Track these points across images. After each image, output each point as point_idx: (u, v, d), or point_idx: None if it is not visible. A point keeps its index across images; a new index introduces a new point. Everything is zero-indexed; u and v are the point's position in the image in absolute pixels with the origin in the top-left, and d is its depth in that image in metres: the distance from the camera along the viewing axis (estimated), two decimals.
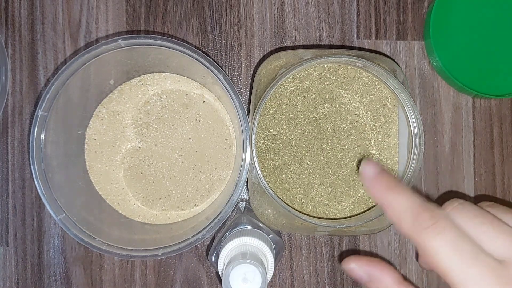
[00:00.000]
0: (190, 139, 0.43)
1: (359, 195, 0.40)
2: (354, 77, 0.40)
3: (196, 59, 0.36)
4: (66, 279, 0.45)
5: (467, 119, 0.46)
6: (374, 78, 0.39)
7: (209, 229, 0.36)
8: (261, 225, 0.39)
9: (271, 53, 0.45)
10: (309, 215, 0.39)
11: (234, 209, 0.36)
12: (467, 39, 0.44)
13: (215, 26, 0.46)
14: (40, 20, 0.45)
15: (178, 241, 0.36)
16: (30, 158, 0.35)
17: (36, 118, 0.35)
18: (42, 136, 0.35)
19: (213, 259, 0.38)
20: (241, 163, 0.35)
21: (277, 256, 0.39)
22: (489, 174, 0.46)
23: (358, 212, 0.40)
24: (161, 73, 0.43)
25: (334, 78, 0.39)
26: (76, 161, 0.42)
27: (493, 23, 0.44)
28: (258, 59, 0.45)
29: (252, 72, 0.46)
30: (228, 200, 0.35)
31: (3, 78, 0.43)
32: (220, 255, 0.36)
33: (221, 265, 0.36)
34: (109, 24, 0.45)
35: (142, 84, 0.43)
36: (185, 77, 0.43)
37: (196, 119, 0.43)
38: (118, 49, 0.36)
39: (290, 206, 0.37)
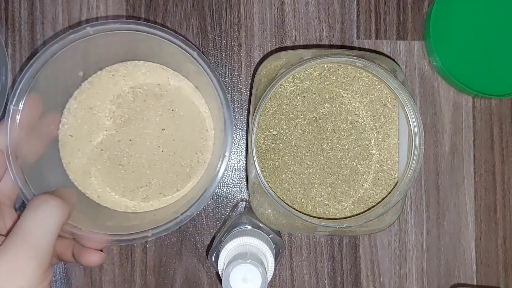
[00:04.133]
0: (164, 129, 0.42)
1: (359, 195, 0.40)
2: (354, 77, 0.40)
3: (167, 39, 0.35)
4: (66, 279, 0.45)
5: (467, 119, 0.46)
6: (374, 78, 0.39)
7: (196, 206, 0.35)
8: (261, 225, 0.39)
9: (271, 53, 0.45)
10: (309, 215, 0.39)
11: (218, 185, 0.36)
12: (467, 39, 0.44)
13: (215, 26, 0.46)
14: (40, 20, 0.45)
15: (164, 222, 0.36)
16: (6, 154, 0.34)
17: (8, 113, 0.34)
18: (16, 132, 0.34)
19: (213, 259, 0.38)
20: (222, 142, 0.35)
21: (277, 256, 0.39)
22: (489, 174, 0.46)
23: (358, 212, 0.40)
24: (133, 61, 0.42)
25: (334, 78, 0.39)
26: (52, 157, 0.41)
27: (493, 23, 0.44)
28: (258, 59, 0.45)
29: (252, 72, 0.46)
30: (216, 174, 0.35)
31: (3, 78, 0.43)
32: (220, 255, 0.36)
33: (221, 265, 0.36)
34: None
35: (113, 75, 0.42)
36: (159, 65, 0.42)
37: (169, 108, 0.42)
38: (87, 37, 0.35)
39: (290, 206, 0.37)
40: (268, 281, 0.35)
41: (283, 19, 0.46)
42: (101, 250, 0.36)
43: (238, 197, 0.45)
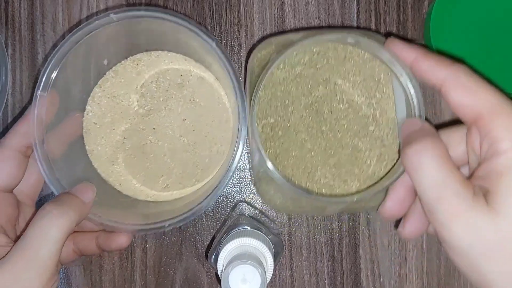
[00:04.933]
0: (185, 120, 0.43)
1: (363, 172, 0.40)
2: (345, 57, 0.39)
3: (183, 25, 0.35)
4: (66, 279, 0.45)
5: None
6: (365, 56, 0.39)
7: (211, 196, 0.35)
8: (260, 226, 0.39)
9: (260, 41, 0.45)
10: (318, 194, 0.38)
11: (233, 175, 0.36)
12: (467, 39, 0.44)
13: (215, 26, 0.46)
14: (40, 20, 0.45)
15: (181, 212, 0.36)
16: (32, 140, 0.35)
17: (35, 98, 0.35)
18: (43, 118, 0.35)
19: (212, 260, 0.38)
20: (237, 134, 0.36)
21: (276, 257, 0.39)
22: None
23: (365, 188, 0.40)
24: (156, 51, 0.43)
25: (325, 61, 0.39)
26: (76, 144, 0.41)
27: (494, 23, 0.44)
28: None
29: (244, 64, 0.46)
30: (229, 166, 0.35)
31: (3, 78, 0.43)
32: (220, 256, 0.36)
33: (220, 266, 0.36)
34: None
35: (137, 64, 0.42)
36: (181, 55, 0.43)
37: (191, 99, 0.43)
38: (110, 24, 0.35)
39: (298, 187, 0.37)
40: (267, 282, 0.35)
41: (283, 19, 0.46)
42: None
43: (238, 198, 0.45)
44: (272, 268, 0.37)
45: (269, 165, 0.35)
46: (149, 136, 0.43)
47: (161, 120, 0.43)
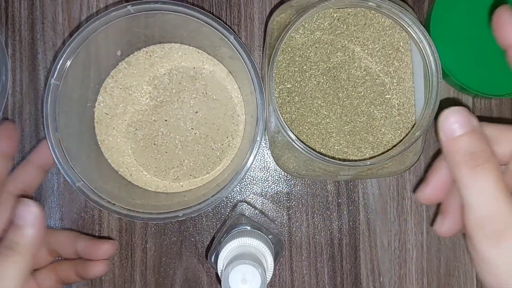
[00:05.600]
0: (197, 112, 0.43)
1: (378, 140, 0.40)
2: (365, 24, 0.39)
3: (205, 22, 0.36)
4: None
5: None
6: (386, 23, 0.39)
7: (227, 188, 0.36)
8: (260, 226, 0.39)
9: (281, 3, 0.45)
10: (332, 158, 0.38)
11: (250, 167, 0.36)
12: (467, 39, 0.44)
13: None
14: (40, 20, 0.45)
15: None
16: (45, 127, 0.35)
17: (48, 87, 0.35)
18: (56, 104, 0.36)
19: (212, 260, 0.38)
20: (251, 128, 0.36)
21: (276, 257, 0.39)
22: None
23: (378, 155, 0.40)
24: (169, 43, 0.43)
25: (345, 27, 0.39)
26: (88, 133, 0.42)
27: None
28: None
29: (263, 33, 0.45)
30: (247, 158, 0.36)
31: (3, 78, 0.43)
32: (220, 256, 0.36)
33: (220, 266, 0.36)
34: None
35: (150, 55, 0.43)
36: (194, 48, 0.43)
37: (203, 92, 0.43)
38: (127, 16, 0.36)
39: (312, 149, 0.37)
40: (268, 282, 0.35)
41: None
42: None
43: (238, 198, 0.45)
44: (272, 268, 0.37)
45: (285, 129, 0.36)
46: (160, 128, 0.43)
47: (173, 112, 0.43)
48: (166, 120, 0.43)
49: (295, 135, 0.36)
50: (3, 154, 0.38)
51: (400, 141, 0.40)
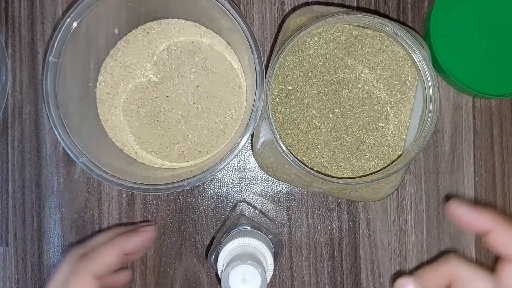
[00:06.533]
0: (198, 86, 0.43)
1: (360, 164, 0.40)
2: (379, 49, 0.40)
3: None
4: None
5: (467, 119, 0.46)
6: (400, 53, 0.39)
7: (229, 156, 0.36)
8: (260, 226, 0.39)
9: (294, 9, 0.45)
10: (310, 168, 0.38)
11: (249, 139, 0.36)
12: (467, 39, 0.44)
13: None
14: (40, 20, 0.45)
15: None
16: (45, 104, 0.35)
17: (47, 64, 0.35)
18: (56, 82, 0.36)
19: (212, 260, 0.38)
20: (253, 99, 0.36)
21: (276, 257, 0.39)
22: (489, 174, 0.46)
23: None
24: (166, 19, 0.43)
25: (360, 46, 0.40)
26: (91, 113, 0.42)
27: (493, 23, 0.44)
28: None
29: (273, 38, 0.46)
30: (246, 127, 0.36)
31: (3, 78, 0.43)
32: (220, 256, 0.36)
33: (220, 266, 0.36)
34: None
35: (147, 32, 0.43)
36: (192, 22, 0.43)
37: (203, 65, 0.43)
38: None
39: (291, 154, 0.37)
40: (268, 282, 0.35)
41: (283, 19, 0.46)
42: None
43: (238, 198, 0.45)
44: (272, 268, 0.36)
45: (272, 126, 0.36)
46: (162, 104, 0.43)
47: (174, 88, 0.43)
48: (167, 96, 0.43)
49: (280, 137, 0.36)
50: (126, 252, 0.38)
51: (379, 170, 0.40)
